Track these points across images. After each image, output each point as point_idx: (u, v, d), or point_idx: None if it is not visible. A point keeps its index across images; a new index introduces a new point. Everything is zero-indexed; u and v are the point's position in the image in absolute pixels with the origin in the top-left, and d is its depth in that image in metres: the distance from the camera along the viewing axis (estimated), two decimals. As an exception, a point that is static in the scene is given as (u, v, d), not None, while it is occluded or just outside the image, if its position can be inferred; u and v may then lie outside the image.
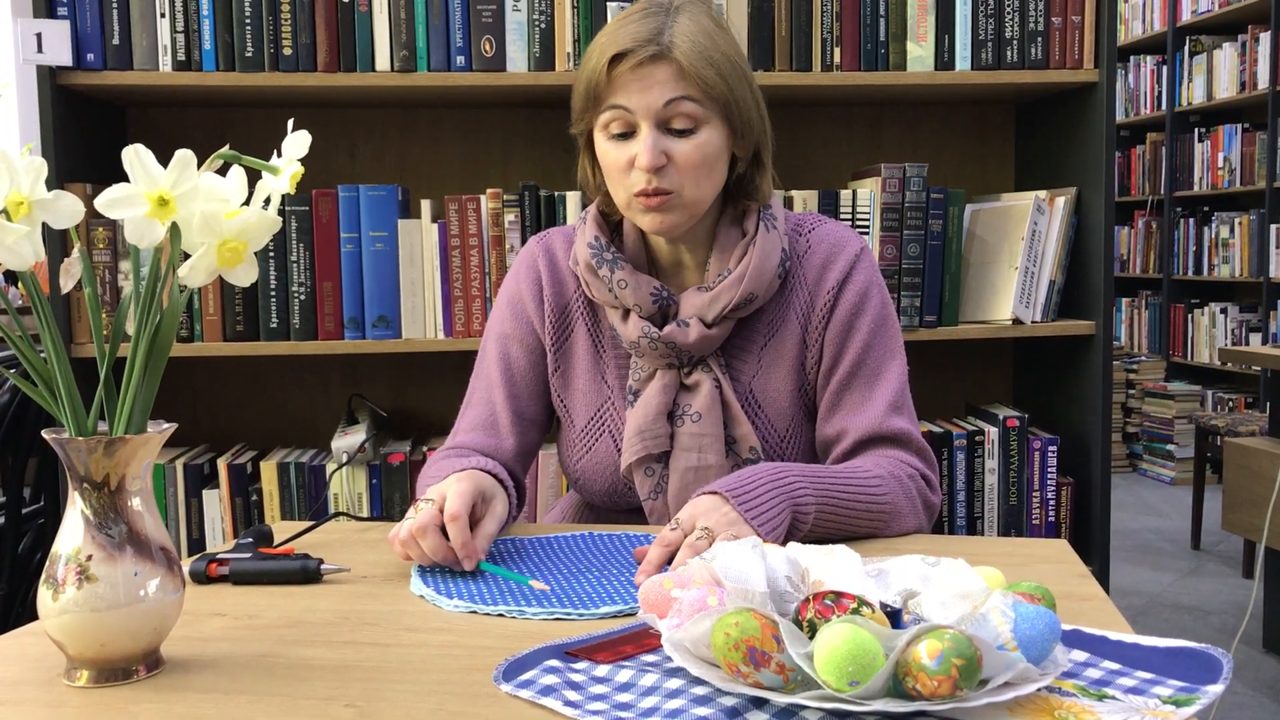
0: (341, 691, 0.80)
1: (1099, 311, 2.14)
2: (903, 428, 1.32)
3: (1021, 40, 2.10)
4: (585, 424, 1.39)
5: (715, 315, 1.31)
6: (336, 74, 1.99)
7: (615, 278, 1.33)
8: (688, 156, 1.26)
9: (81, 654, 0.82)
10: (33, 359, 0.83)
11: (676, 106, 1.25)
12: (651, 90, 1.24)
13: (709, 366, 1.34)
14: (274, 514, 2.06)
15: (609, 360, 1.39)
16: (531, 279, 1.42)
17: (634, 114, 1.25)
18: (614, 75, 1.25)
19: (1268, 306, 5.31)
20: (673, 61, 1.24)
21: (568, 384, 1.41)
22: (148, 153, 0.82)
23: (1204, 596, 3.58)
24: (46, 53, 1.91)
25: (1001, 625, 0.75)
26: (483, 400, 1.41)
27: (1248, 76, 5.39)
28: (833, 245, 1.38)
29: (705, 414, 1.32)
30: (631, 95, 1.25)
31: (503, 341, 1.42)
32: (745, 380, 1.36)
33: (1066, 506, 2.20)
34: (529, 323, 1.41)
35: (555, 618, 0.96)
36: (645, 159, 1.24)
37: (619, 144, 1.28)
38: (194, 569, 1.08)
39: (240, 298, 2.03)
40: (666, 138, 1.26)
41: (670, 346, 1.31)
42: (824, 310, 1.35)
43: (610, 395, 1.39)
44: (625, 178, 1.28)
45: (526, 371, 1.41)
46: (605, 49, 1.25)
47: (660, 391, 1.33)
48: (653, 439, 1.32)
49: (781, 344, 1.36)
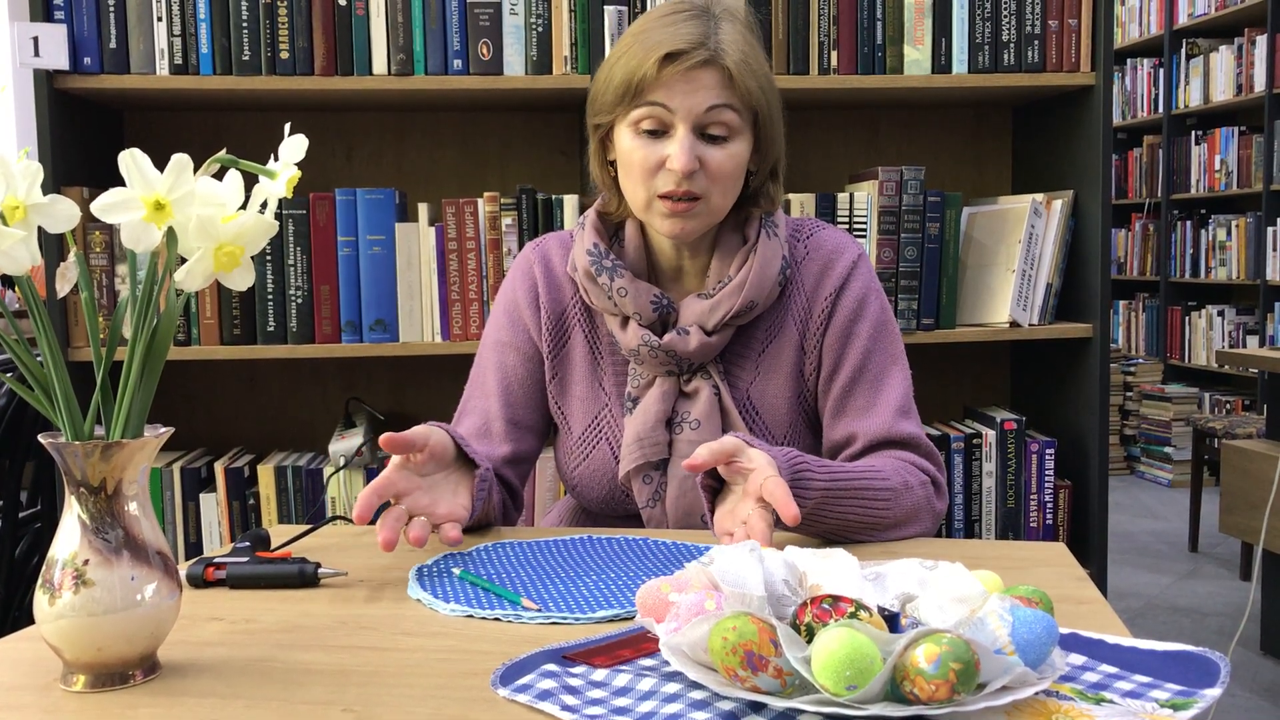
0: (339, 696, 0.80)
1: (1096, 314, 2.14)
2: (912, 432, 1.32)
3: (1018, 43, 2.11)
4: (582, 431, 1.39)
5: (715, 323, 1.31)
6: (333, 78, 2.00)
7: (615, 285, 1.32)
8: (720, 165, 1.26)
9: (78, 659, 0.82)
10: (29, 363, 0.83)
11: (717, 114, 1.25)
12: (697, 94, 1.24)
13: (708, 373, 1.33)
14: (271, 518, 2.06)
15: (606, 367, 1.39)
16: (527, 286, 1.41)
17: (673, 114, 1.25)
18: (662, 73, 1.24)
19: (1265, 309, 5.32)
20: (722, 69, 1.24)
21: (564, 391, 1.41)
22: (144, 157, 0.82)
23: (1201, 599, 3.58)
24: (43, 56, 1.91)
25: (999, 629, 0.75)
26: (477, 409, 1.41)
27: (1244, 79, 5.40)
28: (830, 251, 1.37)
29: (704, 421, 1.32)
30: (675, 95, 1.24)
31: (499, 349, 1.41)
32: (743, 387, 1.36)
33: (1064, 509, 2.21)
34: (525, 330, 1.41)
35: (552, 622, 0.96)
36: (681, 161, 1.23)
37: (649, 142, 1.26)
38: (191, 573, 1.08)
39: (237, 302, 2.03)
40: (700, 143, 1.26)
41: (670, 354, 1.31)
42: (821, 317, 1.35)
43: (607, 402, 1.38)
44: (651, 178, 1.27)
45: (524, 379, 1.40)
46: (655, 46, 1.24)
47: (659, 399, 1.33)
48: (651, 447, 1.32)
49: (779, 351, 1.36)
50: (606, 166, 1.36)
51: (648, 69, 1.23)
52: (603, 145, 1.35)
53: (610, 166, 1.36)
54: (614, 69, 1.28)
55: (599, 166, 1.37)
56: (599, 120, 1.32)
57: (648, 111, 1.25)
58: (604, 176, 1.37)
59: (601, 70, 1.31)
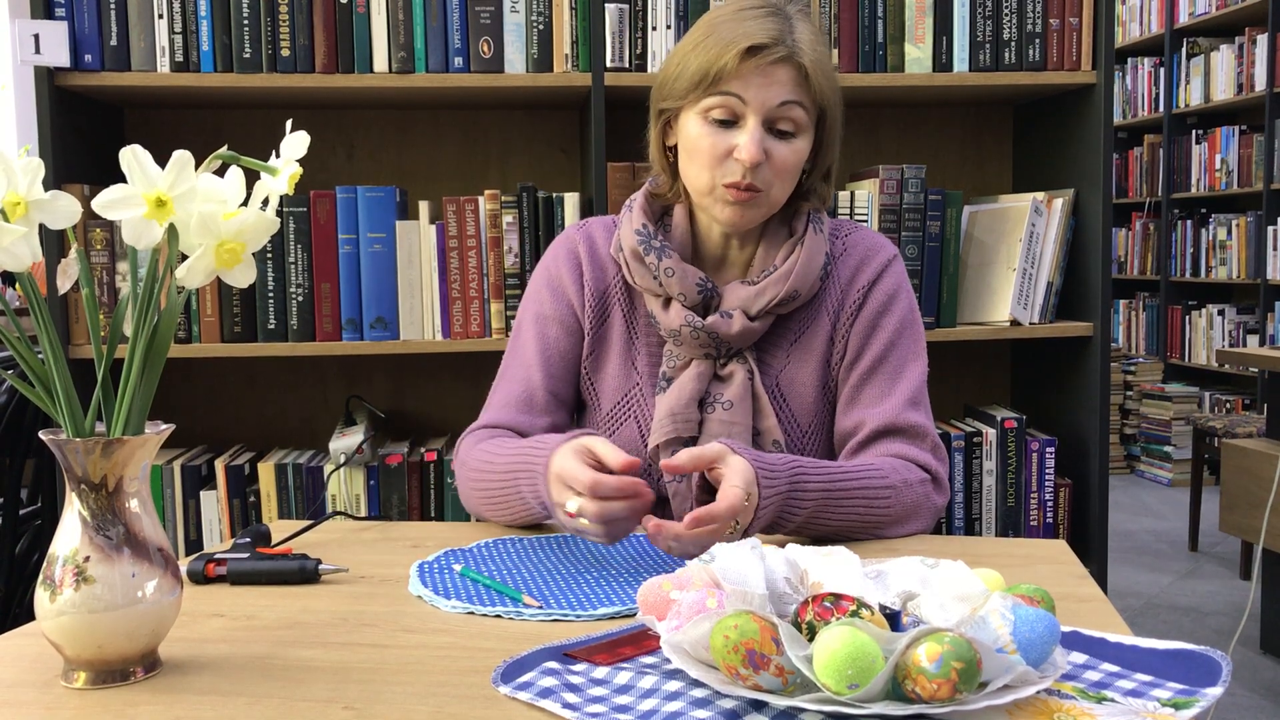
0: (340, 693, 0.80)
1: (1097, 313, 2.14)
2: (918, 421, 1.34)
3: (1019, 42, 2.10)
4: (611, 408, 1.41)
5: (760, 309, 1.33)
6: (334, 75, 1.99)
7: (662, 265, 1.34)
8: (785, 159, 1.29)
9: (79, 655, 0.82)
10: (30, 360, 0.83)
11: (788, 109, 1.28)
12: (772, 88, 1.27)
13: (743, 358, 1.36)
14: (271, 515, 2.06)
15: (640, 347, 1.41)
16: (572, 264, 1.43)
17: (746, 105, 1.27)
18: (741, 66, 1.26)
19: (1265, 308, 5.32)
20: (798, 66, 1.27)
21: (598, 368, 1.42)
22: (145, 154, 0.82)
23: (1201, 598, 3.58)
24: (44, 54, 1.91)
25: (1001, 628, 0.75)
26: (518, 378, 1.41)
27: (1245, 78, 5.39)
28: (867, 249, 1.41)
29: (737, 403, 1.34)
30: (750, 88, 1.26)
31: (541, 322, 1.42)
32: (774, 374, 1.38)
33: (1065, 508, 2.21)
34: (569, 305, 1.42)
35: (554, 619, 0.96)
36: (750, 152, 1.26)
37: (717, 130, 1.29)
38: (192, 569, 1.08)
39: (238, 299, 2.02)
40: (768, 137, 1.28)
41: (711, 336, 1.33)
42: (853, 307, 1.38)
43: (639, 381, 1.40)
44: (718, 166, 1.29)
45: (566, 352, 1.42)
46: (736, 39, 1.26)
47: (695, 379, 1.35)
48: (684, 423, 1.34)
49: (811, 340, 1.39)
50: (665, 151, 1.38)
51: (728, 59, 1.25)
52: (664, 130, 1.37)
53: (669, 151, 1.38)
54: (688, 58, 1.30)
55: (658, 150, 1.39)
56: (666, 105, 1.34)
57: (721, 101, 1.28)
58: (662, 160, 1.39)
59: (672, 58, 1.33)
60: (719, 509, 1.07)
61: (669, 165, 1.38)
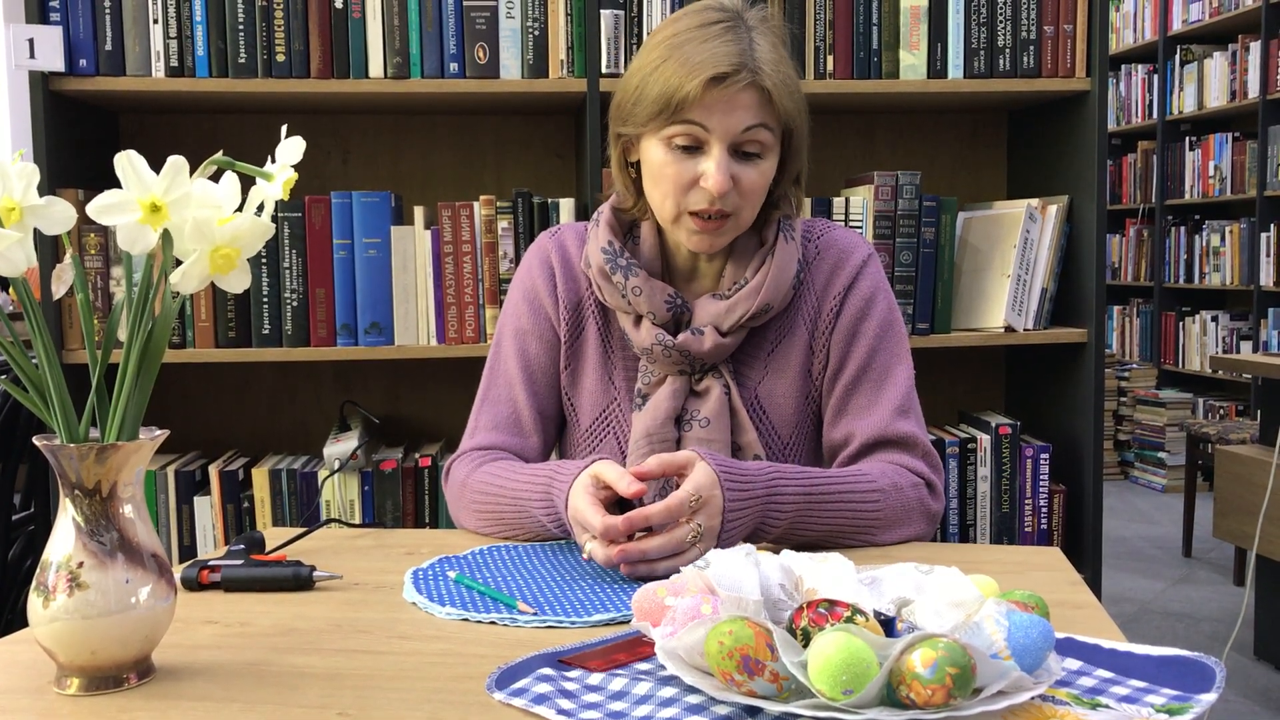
0: (334, 700, 0.80)
1: (1091, 319, 2.14)
2: (909, 430, 1.32)
3: (1014, 49, 2.11)
4: (590, 424, 1.39)
5: (731, 324, 1.31)
6: (330, 80, 1.99)
7: (629, 284, 1.32)
8: (753, 182, 1.26)
9: (72, 662, 0.81)
10: (24, 365, 0.83)
11: (754, 134, 1.24)
12: (735, 114, 1.23)
13: (719, 373, 1.34)
14: (266, 521, 2.05)
15: (617, 362, 1.39)
16: (546, 274, 1.40)
17: (711, 134, 1.24)
18: (704, 96, 1.22)
19: (1258, 314, 5.33)
20: (761, 89, 1.23)
21: (576, 382, 1.40)
22: (140, 159, 0.82)
23: (1195, 604, 3.59)
24: (39, 58, 1.91)
25: (995, 634, 0.75)
26: (502, 398, 1.40)
27: (1238, 85, 5.41)
28: (841, 251, 1.38)
29: (714, 420, 1.32)
30: (714, 116, 1.23)
31: (520, 338, 1.40)
32: (751, 387, 1.36)
33: (1059, 514, 2.21)
34: (546, 317, 1.40)
35: (548, 625, 0.96)
36: (717, 182, 1.23)
37: (681, 158, 1.25)
38: (185, 576, 1.07)
39: (233, 304, 2.02)
40: (733, 161, 1.25)
41: (683, 354, 1.31)
42: (830, 315, 1.36)
43: (617, 396, 1.38)
44: (683, 194, 1.26)
45: (547, 368, 1.40)
46: (697, 67, 1.21)
47: (670, 396, 1.33)
48: (660, 442, 1.32)
49: (789, 350, 1.36)
50: (627, 169, 1.36)
51: (690, 89, 1.21)
52: (624, 149, 1.34)
53: (631, 168, 1.35)
54: (648, 81, 1.25)
55: (619, 169, 1.36)
56: (626, 131, 1.31)
57: (684, 129, 1.24)
58: (625, 178, 1.36)
59: (630, 79, 1.29)
60: (653, 509, 1.07)
61: (632, 183, 1.35)
